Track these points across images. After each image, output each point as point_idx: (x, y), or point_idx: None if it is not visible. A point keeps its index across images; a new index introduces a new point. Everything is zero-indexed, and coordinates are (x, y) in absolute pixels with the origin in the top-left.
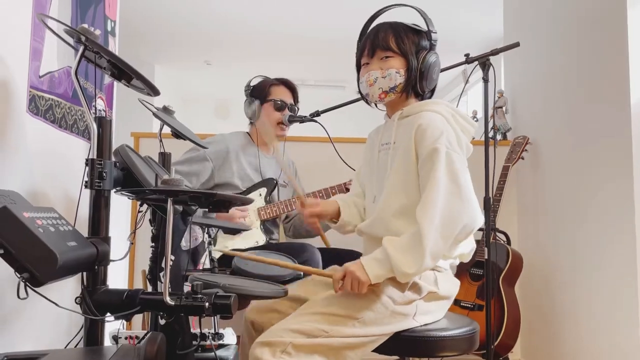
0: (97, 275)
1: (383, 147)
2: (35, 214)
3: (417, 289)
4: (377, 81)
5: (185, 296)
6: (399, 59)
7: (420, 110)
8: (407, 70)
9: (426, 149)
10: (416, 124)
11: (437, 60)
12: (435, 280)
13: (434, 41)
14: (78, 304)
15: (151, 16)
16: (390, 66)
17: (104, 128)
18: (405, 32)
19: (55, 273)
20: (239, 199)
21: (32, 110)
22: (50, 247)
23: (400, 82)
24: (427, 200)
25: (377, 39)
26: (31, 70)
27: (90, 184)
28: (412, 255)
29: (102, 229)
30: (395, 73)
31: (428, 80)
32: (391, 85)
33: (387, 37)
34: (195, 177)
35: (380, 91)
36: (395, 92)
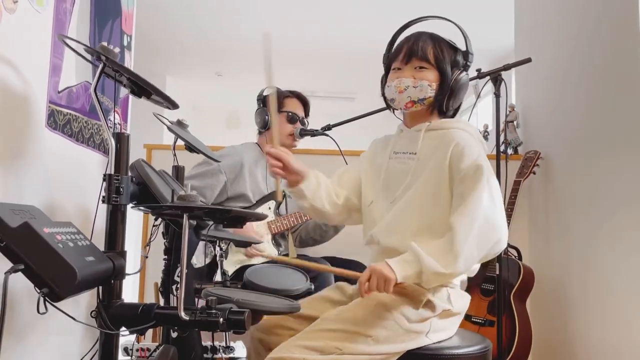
0: (112, 290)
1: (398, 155)
2: (54, 229)
3: (431, 306)
4: (408, 90)
5: (200, 311)
6: (434, 72)
7: (452, 127)
8: (439, 85)
9: (469, 166)
10: (452, 141)
11: (467, 81)
12: (449, 297)
13: (469, 62)
14: (94, 317)
15: (163, 28)
16: (424, 77)
17: (121, 144)
18: (445, 48)
19: (74, 288)
20: (254, 215)
21: (51, 125)
22: (69, 262)
23: (430, 96)
24: (466, 211)
25: (416, 46)
26: (50, 85)
27: (108, 199)
28: (445, 257)
29: (118, 243)
30: (428, 86)
31: (455, 99)
32: (421, 97)
33: (426, 48)
34: (209, 190)
35: (409, 100)
36: (423, 104)
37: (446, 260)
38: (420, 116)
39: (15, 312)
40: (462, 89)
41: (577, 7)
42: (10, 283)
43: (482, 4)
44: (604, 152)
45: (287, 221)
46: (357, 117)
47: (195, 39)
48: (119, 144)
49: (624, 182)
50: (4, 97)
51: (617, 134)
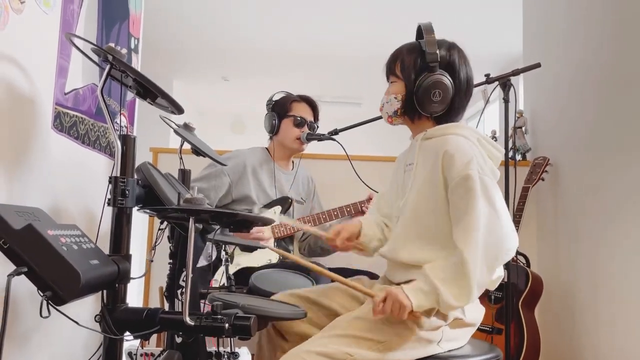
0: (117, 293)
1: (408, 167)
2: (59, 231)
3: (443, 314)
4: (384, 107)
5: (205, 317)
6: (400, 84)
7: (444, 134)
8: (405, 94)
9: (457, 175)
10: (442, 149)
11: (437, 81)
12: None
13: (430, 63)
14: (97, 321)
15: (170, 32)
16: (392, 91)
17: (127, 146)
18: (410, 55)
19: (78, 292)
20: (261, 219)
21: (57, 127)
22: (73, 265)
23: (397, 107)
24: (467, 227)
25: (388, 63)
26: (57, 87)
27: (113, 201)
28: (459, 287)
29: (123, 246)
30: (394, 98)
31: (426, 103)
32: (392, 110)
33: (393, 63)
34: (213, 191)
35: (387, 115)
36: (398, 116)
37: (461, 290)
38: (418, 126)
39: (18, 315)
40: (428, 92)
41: (585, 12)
42: (13, 285)
43: (489, 9)
44: (613, 159)
45: (291, 226)
46: (365, 121)
47: (202, 43)
48: (125, 146)
49: (633, 188)
50: (10, 98)
51: (626, 140)
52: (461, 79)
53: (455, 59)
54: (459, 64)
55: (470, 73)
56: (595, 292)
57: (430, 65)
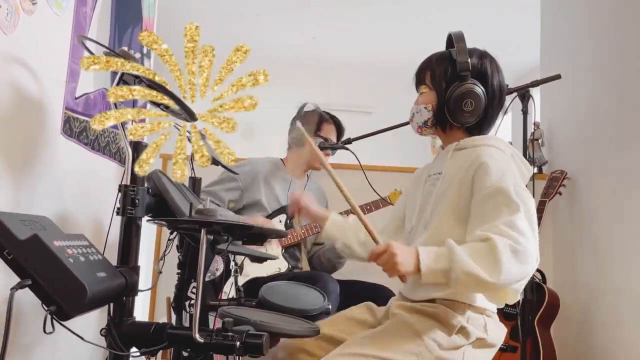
0: (124, 307)
1: (430, 177)
2: (65, 242)
3: (465, 333)
4: (414, 117)
5: (216, 333)
6: (430, 94)
7: (479, 145)
8: (437, 104)
9: (490, 186)
10: (477, 160)
11: (468, 91)
12: (485, 325)
13: (461, 72)
14: (103, 335)
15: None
16: (422, 101)
17: (138, 153)
18: (440, 65)
19: (84, 306)
20: (275, 231)
21: (66, 132)
22: (80, 279)
23: (428, 117)
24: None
25: (417, 74)
26: (67, 91)
27: (122, 210)
28: (483, 261)
29: (131, 258)
30: (424, 108)
31: (457, 113)
32: (422, 120)
33: (423, 72)
34: (230, 193)
35: (417, 126)
36: (428, 126)
37: (485, 263)
38: (450, 136)
39: (22, 327)
40: (460, 101)
41: (605, 21)
42: (17, 297)
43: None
44: (634, 174)
45: (297, 233)
46: (379, 131)
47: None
48: (136, 153)
49: None
50: (19, 101)
51: None
52: (494, 88)
53: (487, 67)
54: (491, 73)
55: (502, 82)
56: (614, 310)
57: (462, 75)
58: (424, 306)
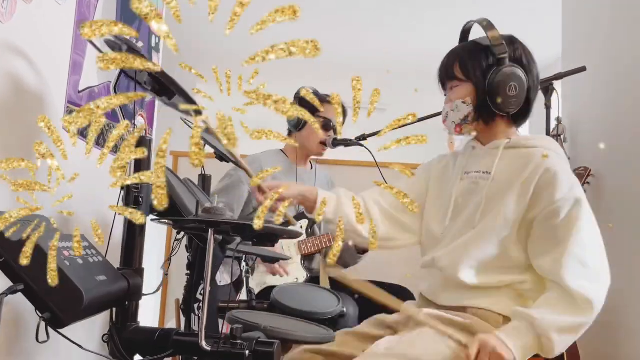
0: (127, 312)
1: (469, 175)
2: (62, 243)
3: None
4: (449, 115)
5: (224, 341)
6: (465, 87)
7: (535, 146)
8: (475, 95)
9: (563, 196)
10: (541, 165)
11: (511, 74)
12: None
13: (499, 55)
14: (105, 342)
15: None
16: (457, 96)
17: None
18: (471, 54)
19: (80, 313)
20: (287, 232)
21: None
22: (76, 283)
23: (469, 112)
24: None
25: (443, 69)
26: (70, 84)
27: None
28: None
29: (135, 259)
30: (462, 103)
31: (503, 100)
32: (461, 117)
33: (451, 65)
34: (236, 203)
35: (454, 125)
36: (469, 122)
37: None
38: (495, 131)
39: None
40: (502, 86)
41: (632, 12)
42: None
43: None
44: None
45: (318, 242)
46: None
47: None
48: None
49: None
50: (19, 94)
51: None
52: (532, 70)
53: (520, 52)
54: (525, 56)
55: (536, 67)
56: None
57: (500, 58)
58: (454, 316)
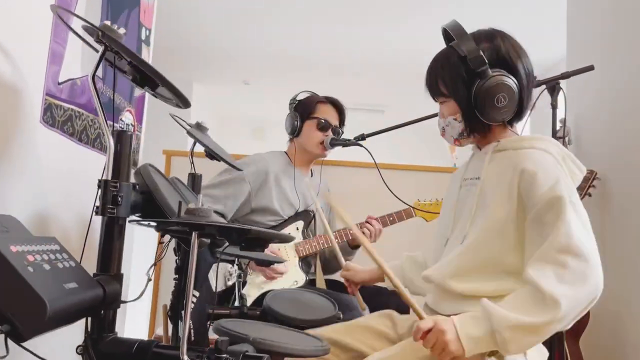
0: (103, 321)
1: (466, 182)
2: (27, 246)
3: (499, 356)
4: (445, 130)
5: (207, 355)
6: (452, 103)
7: (522, 147)
8: (463, 111)
9: (543, 197)
10: (519, 165)
11: (495, 85)
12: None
13: (478, 69)
14: (79, 354)
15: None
16: (447, 113)
17: (122, 144)
18: (450, 69)
19: (42, 325)
20: (277, 236)
21: (47, 121)
22: (38, 292)
23: (462, 129)
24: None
25: (429, 85)
26: (49, 75)
27: (102, 209)
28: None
29: (112, 264)
30: (454, 120)
31: (492, 113)
32: (456, 133)
33: (434, 82)
34: (232, 200)
35: (452, 139)
36: (465, 137)
37: (533, 307)
38: (491, 137)
39: None
40: (490, 98)
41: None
42: None
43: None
44: None
45: (316, 243)
46: (394, 126)
47: (224, 45)
48: (120, 144)
49: None
50: None
51: None
52: (519, 71)
53: (502, 50)
54: (509, 54)
55: (526, 59)
56: None
57: (479, 71)
58: None
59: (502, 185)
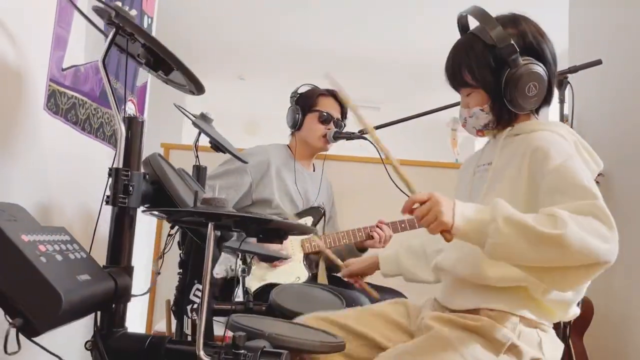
0: (114, 316)
1: (479, 168)
2: (38, 236)
3: (517, 352)
4: (467, 121)
5: (224, 351)
6: (480, 93)
7: (535, 130)
8: (492, 102)
9: (554, 170)
10: (531, 145)
11: (527, 74)
12: (540, 342)
13: (509, 58)
14: (88, 349)
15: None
16: (473, 104)
17: (134, 131)
18: (477, 57)
19: (58, 319)
20: (298, 227)
21: (51, 108)
22: (53, 284)
23: (489, 120)
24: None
25: (451, 76)
26: (53, 60)
27: (113, 199)
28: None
29: (123, 256)
30: (480, 111)
31: (523, 103)
32: (482, 124)
33: (458, 72)
34: (233, 191)
35: (475, 130)
36: (490, 128)
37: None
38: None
39: None
40: (521, 88)
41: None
42: None
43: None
44: None
45: (323, 241)
46: (401, 119)
47: (219, 39)
48: (131, 131)
49: None
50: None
51: None
52: (546, 56)
53: (529, 35)
54: (537, 40)
55: (549, 43)
56: None
57: (510, 60)
58: (464, 318)
59: (512, 168)
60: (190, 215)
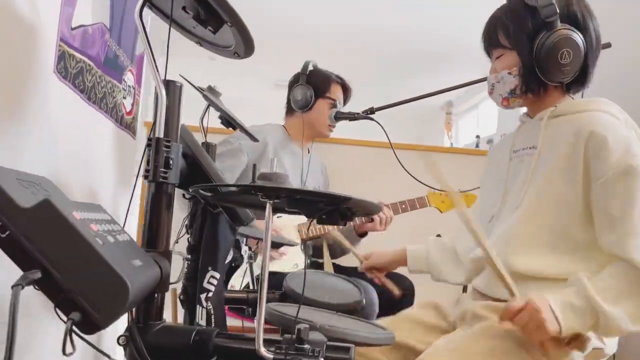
0: (152, 306)
1: (517, 153)
2: (85, 213)
3: (580, 341)
4: (494, 88)
5: (286, 346)
6: (511, 55)
7: (585, 110)
8: (522, 66)
9: (615, 165)
10: (585, 128)
11: (563, 38)
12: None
13: (548, 19)
14: (122, 345)
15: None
16: (501, 67)
17: (172, 96)
18: (515, 18)
19: (121, 312)
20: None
21: (60, 72)
22: (118, 271)
23: (515, 84)
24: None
25: (486, 36)
26: (63, 17)
27: (153, 174)
28: (633, 300)
29: (161, 239)
30: (508, 74)
31: (553, 70)
32: (507, 89)
33: (493, 32)
34: (229, 172)
35: (501, 98)
36: (516, 95)
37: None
38: (546, 102)
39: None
40: (554, 52)
41: None
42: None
43: None
44: None
45: (320, 225)
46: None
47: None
48: (170, 96)
49: None
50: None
51: None
52: (588, 30)
53: (574, 5)
54: (582, 12)
55: (595, 22)
56: None
57: (548, 21)
58: None
59: (562, 152)
60: (249, 192)
